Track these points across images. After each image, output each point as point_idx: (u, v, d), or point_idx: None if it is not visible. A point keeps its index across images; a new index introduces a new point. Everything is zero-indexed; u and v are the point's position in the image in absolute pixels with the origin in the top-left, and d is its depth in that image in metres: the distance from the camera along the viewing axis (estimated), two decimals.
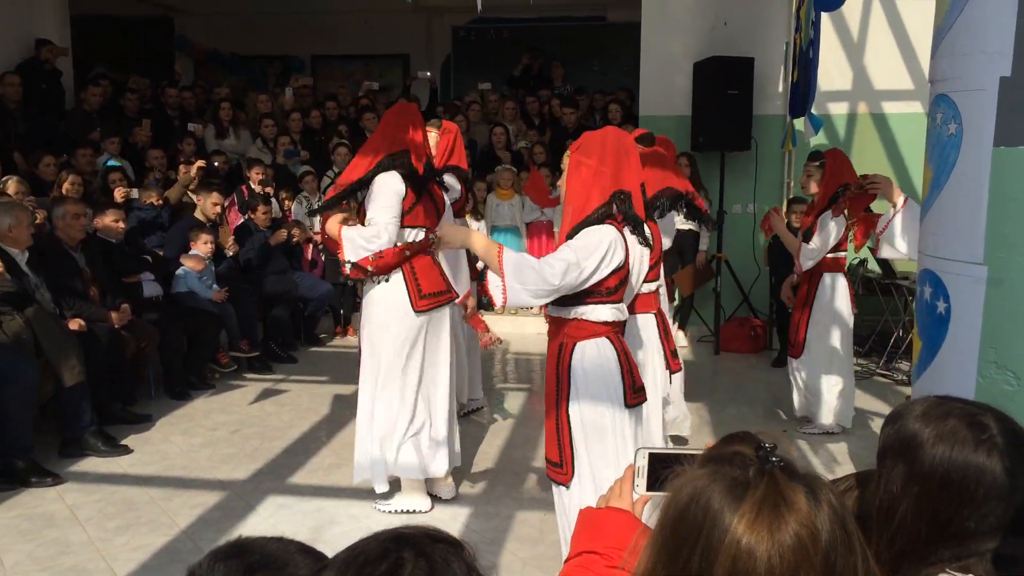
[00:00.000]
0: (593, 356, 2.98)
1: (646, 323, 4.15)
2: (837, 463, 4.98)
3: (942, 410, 1.46)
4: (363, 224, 4.02)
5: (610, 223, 2.93)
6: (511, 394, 6.31)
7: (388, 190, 3.98)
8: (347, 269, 4.05)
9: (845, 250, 5.40)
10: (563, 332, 3.03)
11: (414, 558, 1.02)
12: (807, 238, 5.31)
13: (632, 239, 3.03)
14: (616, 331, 3.05)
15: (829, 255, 5.29)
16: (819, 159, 5.41)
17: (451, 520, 4.12)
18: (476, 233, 3.04)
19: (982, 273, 2.27)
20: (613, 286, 2.98)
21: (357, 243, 3.97)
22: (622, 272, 3.00)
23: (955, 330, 2.35)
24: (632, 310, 4.00)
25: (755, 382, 6.78)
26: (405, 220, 4.06)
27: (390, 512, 4.17)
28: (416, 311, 4.07)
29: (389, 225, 3.95)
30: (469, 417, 5.66)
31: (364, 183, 4.03)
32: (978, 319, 2.28)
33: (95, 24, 11.23)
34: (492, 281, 2.82)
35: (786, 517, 0.99)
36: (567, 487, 3.06)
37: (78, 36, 9.34)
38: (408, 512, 4.18)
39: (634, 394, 3.06)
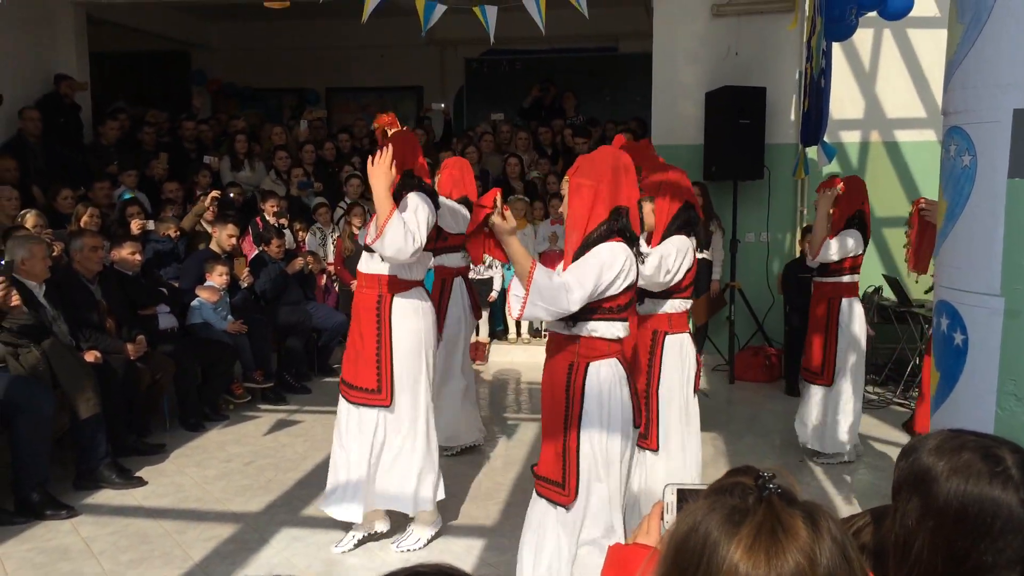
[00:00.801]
0: (608, 378, 3.00)
1: (684, 343, 4.09)
2: (854, 493, 4.93)
3: (956, 443, 1.45)
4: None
5: (618, 240, 2.96)
6: (524, 424, 6.28)
7: (420, 204, 3.91)
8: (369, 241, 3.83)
9: (859, 273, 5.39)
10: (572, 351, 3.04)
11: None
12: (824, 264, 5.33)
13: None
14: (621, 351, 3.07)
15: (846, 278, 5.29)
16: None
17: (465, 553, 4.09)
18: (516, 239, 3.02)
19: (999, 305, 2.26)
20: (624, 303, 3.01)
21: (408, 228, 3.75)
22: (633, 291, 3.02)
23: (973, 362, 2.33)
24: (670, 330, 4.01)
25: (771, 411, 6.73)
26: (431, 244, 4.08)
27: (418, 548, 4.13)
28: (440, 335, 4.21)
29: (421, 227, 3.84)
30: (478, 449, 5.64)
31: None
32: (996, 351, 2.26)
33: (114, 59, 11.42)
34: (515, 289, 2.93)
35: (784, 544, 0.99)
36: (567, 508, 3.07)
37: (97, 71, 9.49)
38: (431, 541, 4.19)
39: (637, 416, 3.11)
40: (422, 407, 4.09)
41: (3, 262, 4.66)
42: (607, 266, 2.91)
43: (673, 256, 3.83)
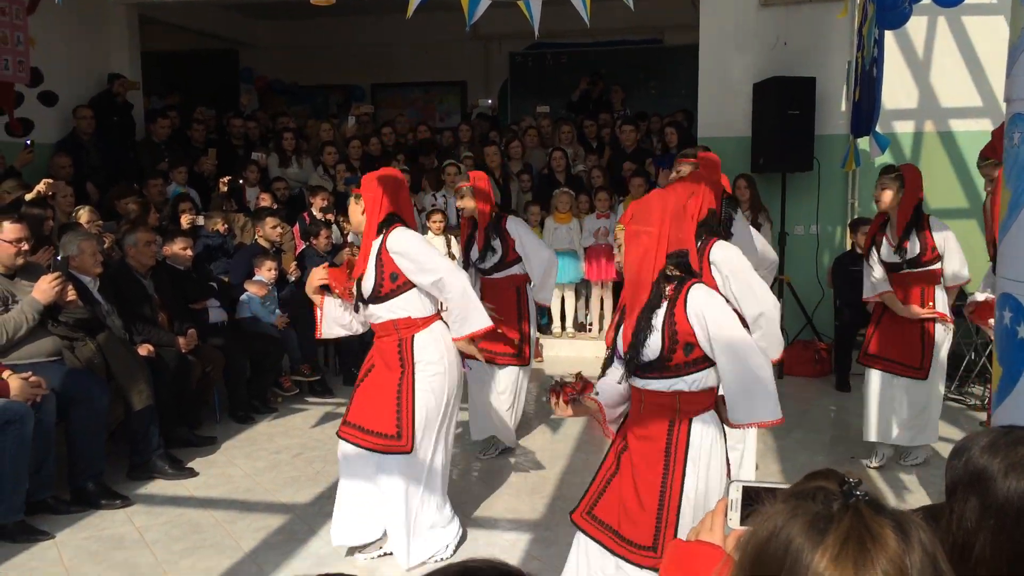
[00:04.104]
0: (712, 432, 2.84)
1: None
2: (908, 491, 4.83)
3: (1010, 439, 1.41)
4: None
5: (698, 282, 2.84)
6: (569, 419, 6.25)
7: (415, 240, 3.83)
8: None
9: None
10: (671, 407, 2.84)
11: None
12: (919, 256, 5.10)
13: None
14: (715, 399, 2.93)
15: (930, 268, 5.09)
16: (893, 171, 5.23)
17: (511, 547, 4.09)
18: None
19: None
20: None
21: (471, 309, 3.78)
22: None
23: None
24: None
25: (821, 407, 6.63)
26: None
27: (452, 553, 4.01)
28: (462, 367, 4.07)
29: (449, 265, 3.83)
30: (519, 449, 5.64)
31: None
32: None
33: (165, 57, 11.62)
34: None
35: (873, 553, 0.95)
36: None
37: (148, 69, 9.65)
38: (459, 542, 4.06)
39: (728, 464, 2.97)
40: (440, 450, 3.93)
41: (59, 258, 4.77)
42: (729, 311, 2.78)
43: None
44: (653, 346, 2.78)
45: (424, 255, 3.79)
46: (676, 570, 1.48)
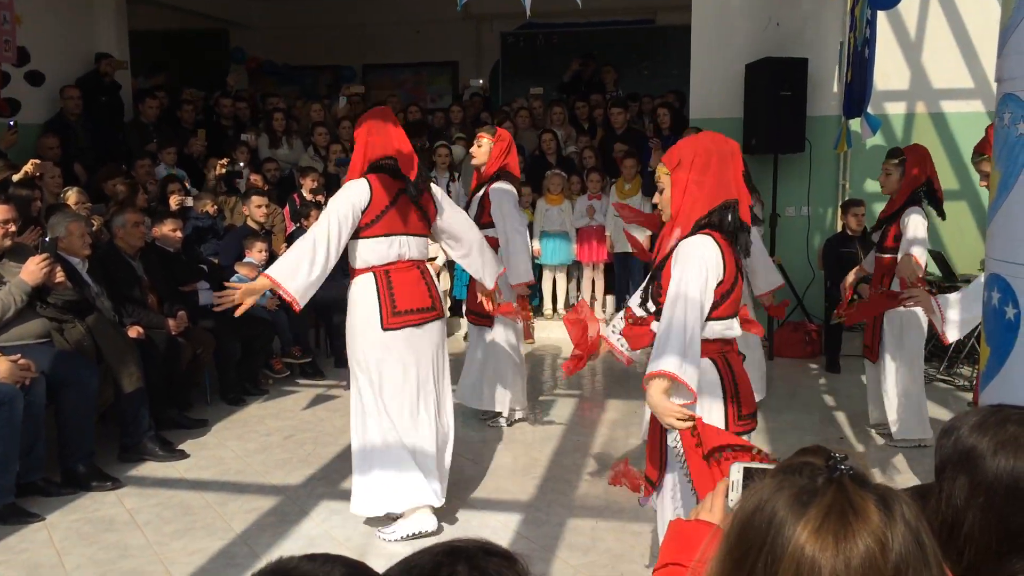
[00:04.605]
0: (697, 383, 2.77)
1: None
2: (897, 472, 4.86)
3: (999, 417, 1.42)
4: None
5: (708, 233, 2.78)
6: (560, 400, 6.28)
7: (343, 192, 3.90)
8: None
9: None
10: None
11: (468, 572, 1.01)
12: (882, 240, 5.14)
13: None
14: (725, 350, 2.89)
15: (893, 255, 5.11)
16: (898, 156, 5.22)
17: (502, 527, 4.10)
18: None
19: None
20: (715, 301, 2.80)
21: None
22: (724, 286, 2.81)
23: None
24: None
25: (810, 388, 6.65)
26: (375, 229, 3.88)
27: (397, 539, 3.90)
28: (384, 328, 3.86)
29: (324, 217, 3.81)
30: (515, 424, 5.65)
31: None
32: None
33: (153, 37, 11.51)
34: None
35: (854, 527, 0.96)
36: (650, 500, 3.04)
37: (136, 49, 9.56)
38: (415, 535, 3.91)
39: (738, 422, 2.86)
40: (368, 400, 3.93)
41: (47, 239, 4.74)
42: (689, 275, 2.70)
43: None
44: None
45: (329, 203, 3.90)
46: (676, 548, 1.50)
